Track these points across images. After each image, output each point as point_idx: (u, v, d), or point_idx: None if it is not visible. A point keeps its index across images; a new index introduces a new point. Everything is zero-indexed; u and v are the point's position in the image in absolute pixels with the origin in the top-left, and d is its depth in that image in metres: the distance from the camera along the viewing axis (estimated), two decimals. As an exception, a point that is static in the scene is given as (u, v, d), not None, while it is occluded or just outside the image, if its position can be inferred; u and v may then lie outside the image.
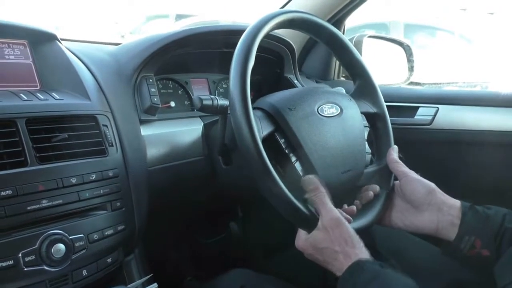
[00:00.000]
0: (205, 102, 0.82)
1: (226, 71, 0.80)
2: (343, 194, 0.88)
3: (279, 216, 0.76)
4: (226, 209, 1.22)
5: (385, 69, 1.40)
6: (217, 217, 1.30)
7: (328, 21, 1.32)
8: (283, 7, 1.39)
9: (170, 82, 1.07)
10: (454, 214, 0.79)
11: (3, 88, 0.78)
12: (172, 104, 1.04)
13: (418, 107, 1.20)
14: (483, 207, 0.80)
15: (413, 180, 0.85)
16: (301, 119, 0.81)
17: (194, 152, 0.97)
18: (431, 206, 0.81)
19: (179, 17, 7.82)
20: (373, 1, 1.34)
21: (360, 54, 0.96)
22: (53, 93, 0.78)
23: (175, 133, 0.96)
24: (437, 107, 1.18)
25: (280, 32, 1.09)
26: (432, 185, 0.84)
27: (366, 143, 0.96)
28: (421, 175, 0.88)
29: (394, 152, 0.91)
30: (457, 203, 0.80)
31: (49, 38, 0.85)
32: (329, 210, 0.73)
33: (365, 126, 0.93)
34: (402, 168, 0.88)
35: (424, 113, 1.19)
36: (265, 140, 0.76)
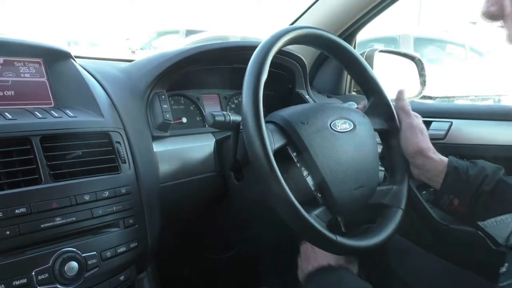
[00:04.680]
0: (217, 118, 0.82)
1: (238, 86, 0.81)
2: (355, 211, 0.87)
3: (290, 229, 0.75)
4: (238, 224, 1.21)
5: (396, 83, 1.39)
6: (229, 233, 1.29)
7: (339, 36, 1.32)
8: (293, 23, 1.40)
9: (182, 98, 1.07)
10: (436, 174, 0.89)
11: (18, 106, 0.78)
12: (184, 120, 1.05)
13: (431, 121, 1.18)
14: (470, 162, 0.89)
15: (405, 138, 0.92)
16: (314, 133, 0.80)
17: (206, 168, 0.97)
18: (416, 162, 0.91)
19: (189, 32, 7.93)
20: (383, 15, 1.34)
21: (372, 68, 0.96)
22: (67, 111, 0.79)
23: (187, 149, 0.96)
24: (451, 122, 1.16)
25: (291, 48, 1.09)
26: (421, 145, 0.90)
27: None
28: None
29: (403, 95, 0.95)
30: (443, 161, 0.89)
31: (64, 56, 0.86)
32: None
33: (378, 144, 0.93)
34: (407, 119, 0.92)
35: (437, 127, 1.17)
36: (276, 153, 0.75)
